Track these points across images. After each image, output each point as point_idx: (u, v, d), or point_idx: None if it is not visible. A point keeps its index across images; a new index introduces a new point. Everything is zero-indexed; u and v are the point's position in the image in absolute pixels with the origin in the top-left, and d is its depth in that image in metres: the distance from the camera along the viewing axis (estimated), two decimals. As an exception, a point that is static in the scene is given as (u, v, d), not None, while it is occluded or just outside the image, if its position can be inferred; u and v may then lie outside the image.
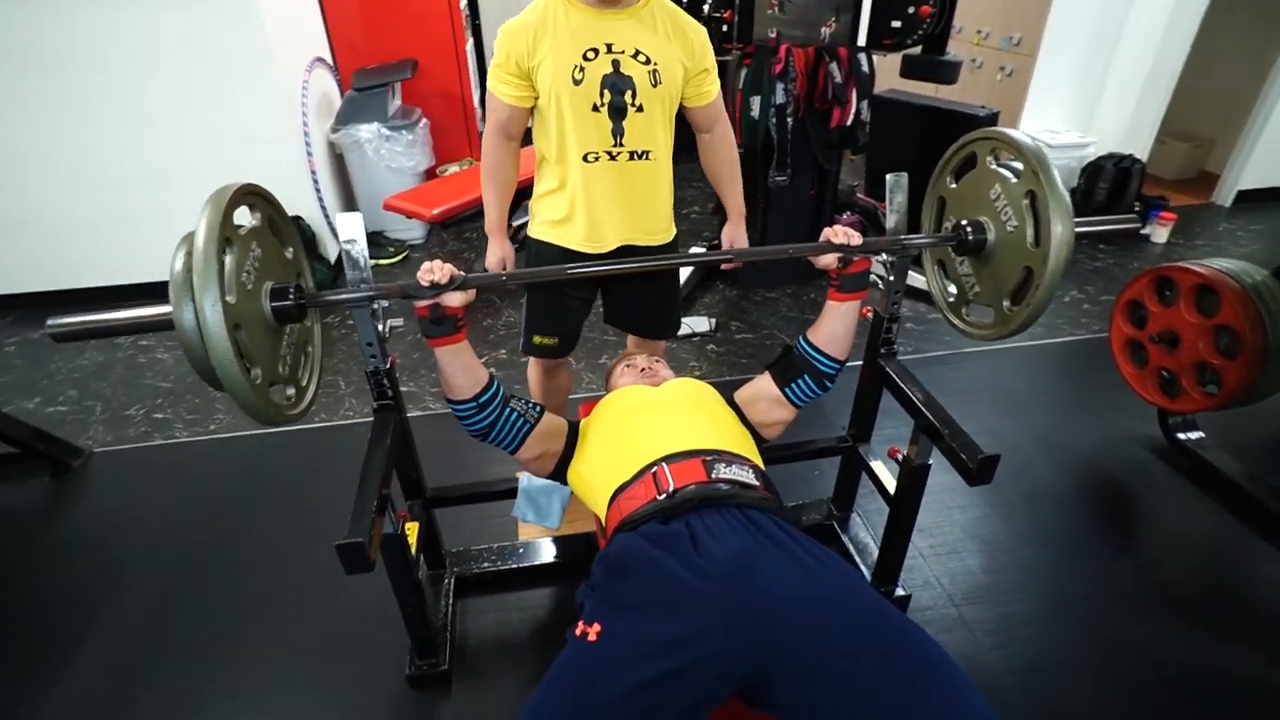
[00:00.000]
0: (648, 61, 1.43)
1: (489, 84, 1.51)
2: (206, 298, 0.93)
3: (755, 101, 2.61)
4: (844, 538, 1.86)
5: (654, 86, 1.44)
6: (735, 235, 1.76)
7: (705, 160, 1.70)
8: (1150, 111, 3.73)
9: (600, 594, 1.01)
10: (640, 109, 1.45)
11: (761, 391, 1.40)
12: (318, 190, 3.14)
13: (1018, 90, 3.77)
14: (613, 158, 1.49)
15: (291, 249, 1.29)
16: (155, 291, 3.09)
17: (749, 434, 1.38)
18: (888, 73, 2.98)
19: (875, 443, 1.77)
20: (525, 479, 1.72)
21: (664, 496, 1.11)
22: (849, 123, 2.68)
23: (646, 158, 1.52)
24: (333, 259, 3.30)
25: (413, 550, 1.44)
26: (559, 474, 1.38)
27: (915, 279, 2.94)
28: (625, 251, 1.61)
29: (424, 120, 3.59)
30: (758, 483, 1.16)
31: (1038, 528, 1.94)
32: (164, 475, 2.18)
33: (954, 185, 1.44)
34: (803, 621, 0.91)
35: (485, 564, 1.76)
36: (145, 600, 1.76)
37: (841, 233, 1.32)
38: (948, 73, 2.73)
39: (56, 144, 2.79)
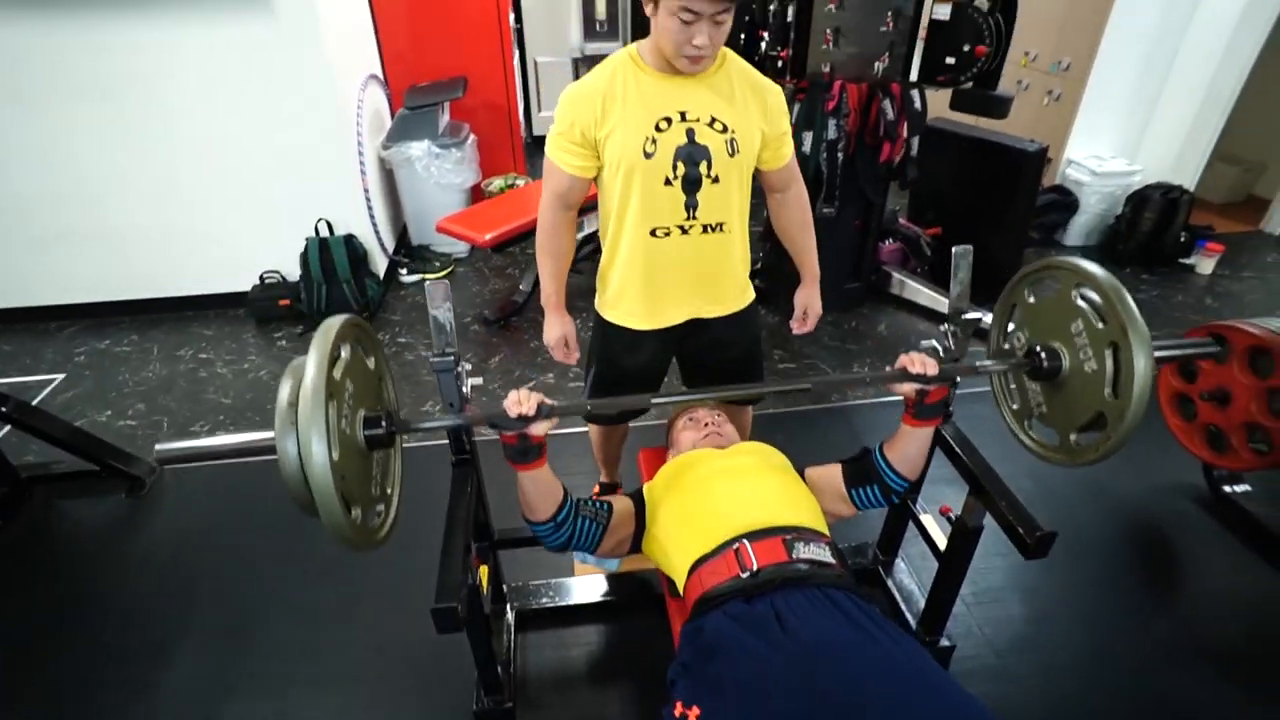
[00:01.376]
0: (725, 130, 1.35)
1: (548, 150, 1.42)
2: (314, 457, 0.95)
3: (807, 137, 2.63)
4: (889, 582, 1.90)
5: (731, 156, 1.37)
6: (809, 300, 1.67)
7: (777, 220, 1.63)
8: (1201, 140, 3.69)
9: (694, 675, 1.08)
10: (716, 180, 1.38)
11: (829, 483, 1.44)
12: (369, 208, 3.22)
13: (1065, 115, 3.74)
14: (684, 231, 1.42)
15: (380, 371, 1.29)
16: (210, 304, 3.25)
17: (814, 501, 1.43)
18: (935, 100, 2.99)
19: (926, 490, 1.81)
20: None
21: (747, 575, 1.17)
22: (898, 158, 2.70)
23: (720, 229, 1.44)
24: (382, 274, 3.38)
25: (484, 592, 1.52)
26: (635, 549, 1.44)
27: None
28: (694, 325, 1.57)
29: (472, 137, 3.66)
30: (834, 560, 1.23)
31: (1080, 577, 1.97)
32: (230, 494, 2.28)
33: (1031, 300, 1.40)
34: (883, 706, 0.97)
35: (544, 599, 1.84)
36: (217, 624, 1.86)
37: (919, 361, 1.28)
38: (999, 108, 2.73)
39: (124, 162, 2.90)
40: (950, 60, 2.60)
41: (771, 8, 2.53)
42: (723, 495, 1.33)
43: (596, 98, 1.34)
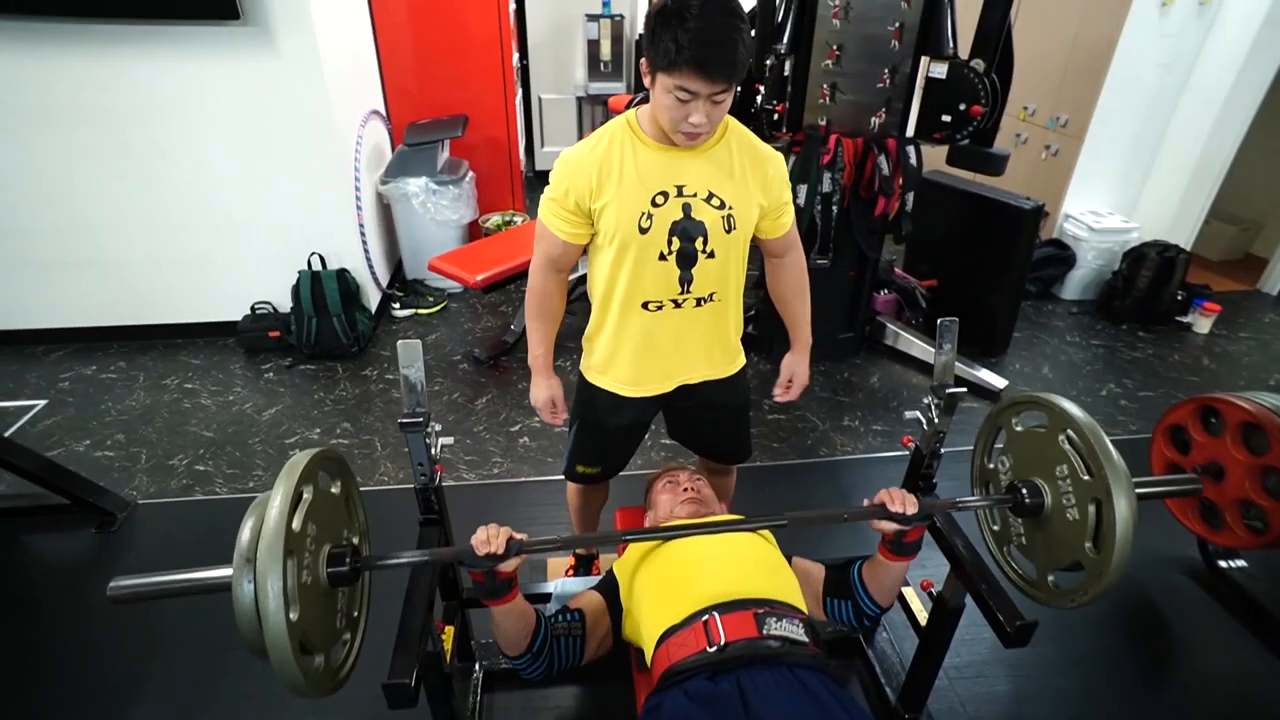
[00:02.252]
0: (722, 205, 1.32)
1: (541, 214, 1.39)
2: (271, 619, 0.92)
3: (802, 189, 2.63)
4: (870, 653, 1.84)
5: (727, 232, 1.33)
6: (797, 368, 1.62)
7: (773, 286, 1.60)
8: (1198, 199, 3.69)
9: None
10: (711, 255, 1.34)
11: (810, 582, 1.41)
12: (364, 243, 3.22)
13: (1062, 171, 3.76)
14: (677, 305, 1.39)
15: (347, 492, 1.24)
16: (200, 332, 3.23)
17: (792, 574, 1.38)
18: (932, 152, 3.00)
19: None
20: (559, 584, 1.74)
21: (714, 649, 1.13)
22: (893, 213, 2.70)
23: (713, 299, 1.41)
24: (374, 308, 3.37)
25: (448, 658, 1.47)
26: (617, 637, 1.39)
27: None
28: (683, 390, 1.54)
29: (470, 174, 3.68)
30: (807, 639, 1.18)
31: (1068, 653, 1.91)
32: (204, 532, 2.23)
33: (1018, 428, 1.38)
34: None
35: (513, 659, 1.78)
36: (180, 674, 1.80)
37: (899, 499, 1.22)
38: (994, 165, 2.73)
39: (123, 190, 2.91)
40: (946, 118, 2.61)
41: (768, 62, 2.54)
42: (696, 562, 1.29)
43: (592, 168, 1.30)
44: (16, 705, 1.71)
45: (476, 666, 1.76)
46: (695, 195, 1.31)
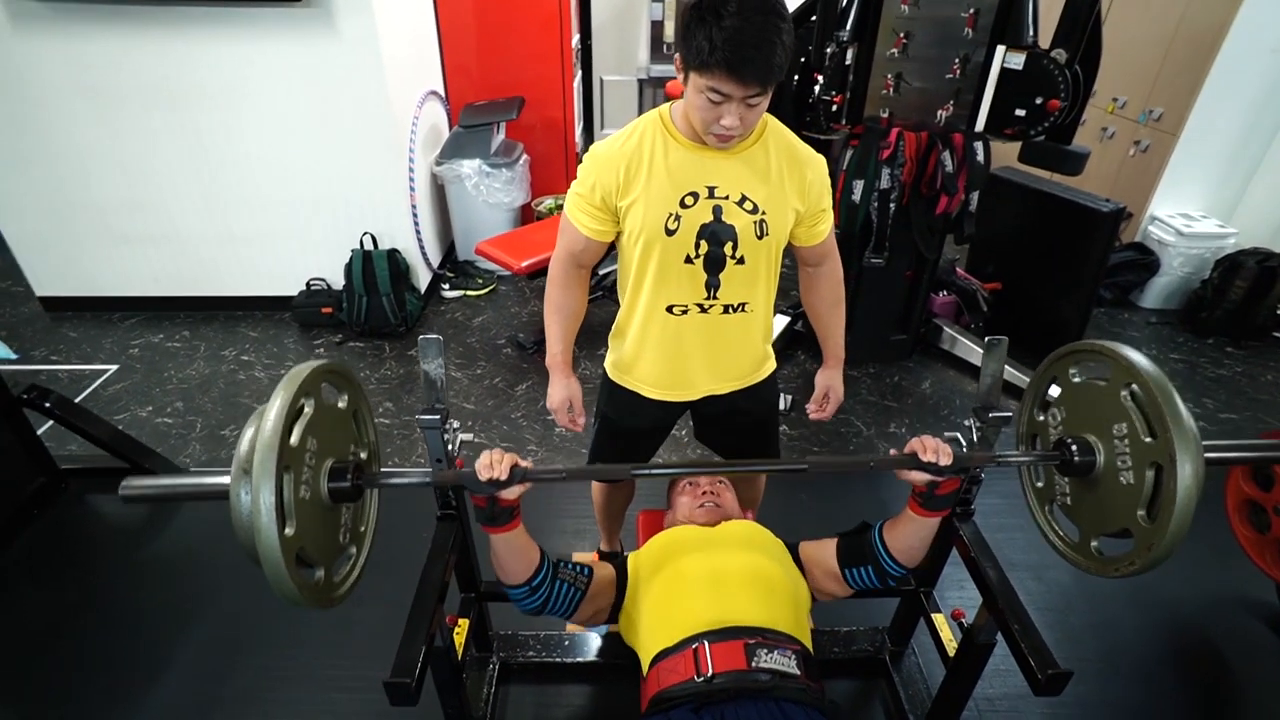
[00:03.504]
0: (755, 210, 1.26)
1: (567, 207, 1.35)
2: (264, 535, 0.92)
3: (859, 185, 2.51)
4: (895, 677, 1.76)
5: (759, 238, 1.28)
6: (831, 382, 1.57)
7: (806, 295, 1.54)
8: (1309, 204, 3.36)
9: None
10: (741, 261, 1.29)
11: (822, 560, 1.35)
12: (416, 224, 3.26)
13: (1153, 169, 3.47)
14: (704, 310, 1.34)
15: (354, 406, 1.23)
16: (259, 305, 3.36)
17: (803, 591, 1.33)
18: (1002, 148, 2.81)
19: (944, 580, 1.68)
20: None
21: (701, 680, 1.10)
22: (955, 212, 2.54)
23: (743, 309, 1.36)
24: (424, 288, 3.42)
25: (459, 653, 1.48)
26: (613, 620, 1.38)
27: (1013, 375, 2.76)
28: (710, 400, 1.49)
29: (524, 157, 3.67)
30: (799, 671, 1.13)
31: (1113, 697, 1.77)
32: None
33: (1076, 379, 1.25)
34: None
35: (530, 653, 1.79)
36: (213, 640, 1.88)
37: (931, 448, 1.15)
38: (1072, 164, 2.53)
39: (192, 168, 3.02)
40: (1020, 112, 2.43)
41: (829, 50, 2.42)
42: (694, 585, 1.26)
43: (621, 164, 1.25)
44: (63, 651, 1.83)
45: (493, 658, 1.77)
46: (727, 198, 1.26)
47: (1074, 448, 1.18)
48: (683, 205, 1.25)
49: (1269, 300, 3.22)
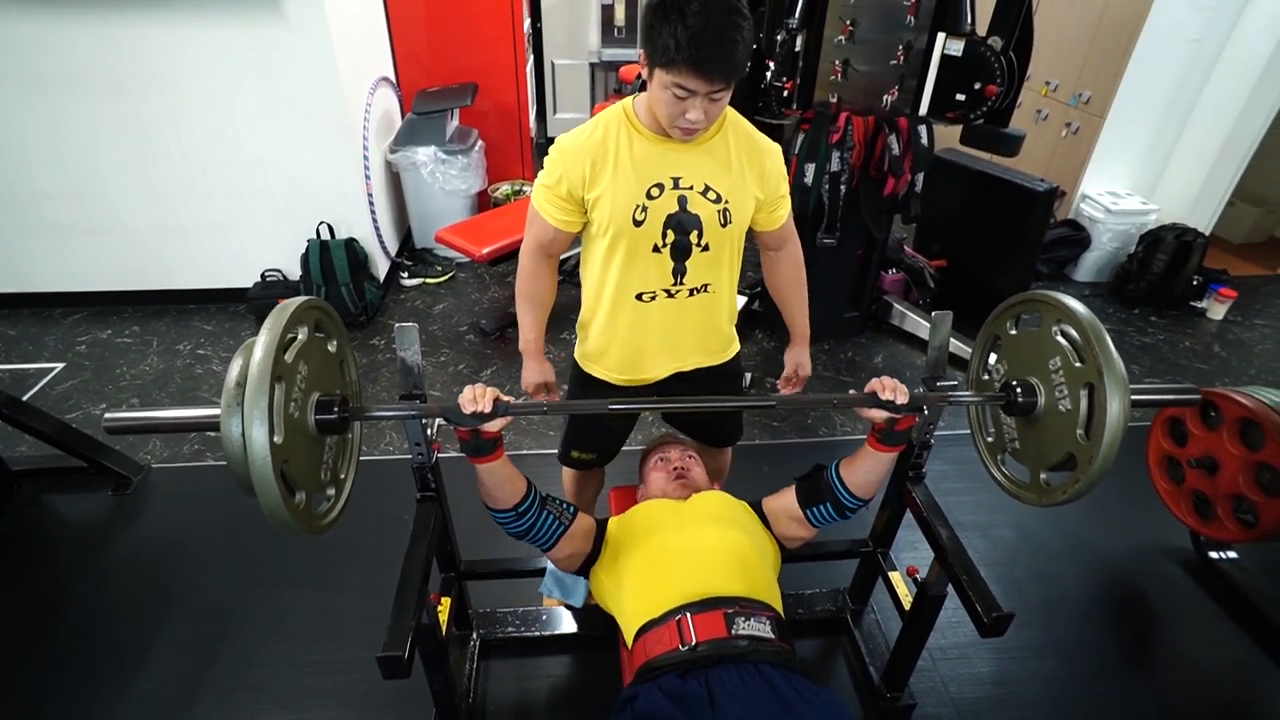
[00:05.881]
0: (718, 199, 1.31)
1: (534, 199, 1.38)
2: (255, 440, 0.94)
3: (810, 168, 2.60)
4: (856, 633, 1.89)
5: (723, 226, 1.33)
6: (799, 360, 1.65)
7: (769, 278, 1.61)
8: (1222, 183, 3.60)
9: None
10: (706, 248, 1.35)
11: (785, 508, 1.45)
12: (373, 212, 3.23)
13: (1082, 149, 3.67)
14: (670, 295, 1.40)
15: (342, 354, 1.28)
16: (213, 298, 3.28)
17: (771, 554, 1.43)
18: (945, 131, 2.94)
19: (900, 540, 1.79)
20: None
21: (685, 649, 1.19)
22: (902, 193, 2.66)
23: (706, 290, 1.42)
24: (383, 277, 3.40)
25: (443, 630, 1.52)
26: (583, 571, 1.46)
27: (958, 348, 2.91)
28: (677, 378, 1.55)
29: (479, 143, 3.66)
30: (773, 635, 1.23)
31: (1055, 637, 1.94)
32: (215, 498, 2.30)
33: (1013, 331, 1.38)
34: None
35: (510, 629, 1.85)
36: (188, 633, 1.88)
37: (890, 387, 1.24)
38: (1009, 146, 2.68)
39: (136, 157, 2.93)
40: (961, 97, 2.56)
41: (779, 37, 2.49)
42: (674, 557, 1.34)
43: (587, 158, 1.29)
44: (33, 660, 1.80)
45: (474, 635, 1.83)
46: (691, 188, 1.31)
47: (1018, 390, 1.30)
48: (649, 196, 1.30)
49: (1186, 272, 3.46)
